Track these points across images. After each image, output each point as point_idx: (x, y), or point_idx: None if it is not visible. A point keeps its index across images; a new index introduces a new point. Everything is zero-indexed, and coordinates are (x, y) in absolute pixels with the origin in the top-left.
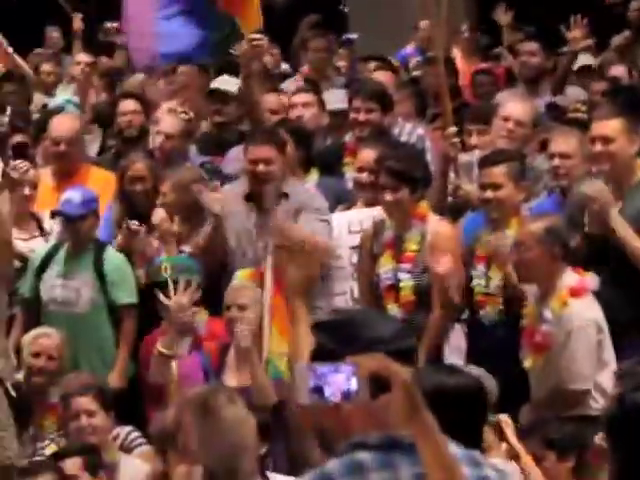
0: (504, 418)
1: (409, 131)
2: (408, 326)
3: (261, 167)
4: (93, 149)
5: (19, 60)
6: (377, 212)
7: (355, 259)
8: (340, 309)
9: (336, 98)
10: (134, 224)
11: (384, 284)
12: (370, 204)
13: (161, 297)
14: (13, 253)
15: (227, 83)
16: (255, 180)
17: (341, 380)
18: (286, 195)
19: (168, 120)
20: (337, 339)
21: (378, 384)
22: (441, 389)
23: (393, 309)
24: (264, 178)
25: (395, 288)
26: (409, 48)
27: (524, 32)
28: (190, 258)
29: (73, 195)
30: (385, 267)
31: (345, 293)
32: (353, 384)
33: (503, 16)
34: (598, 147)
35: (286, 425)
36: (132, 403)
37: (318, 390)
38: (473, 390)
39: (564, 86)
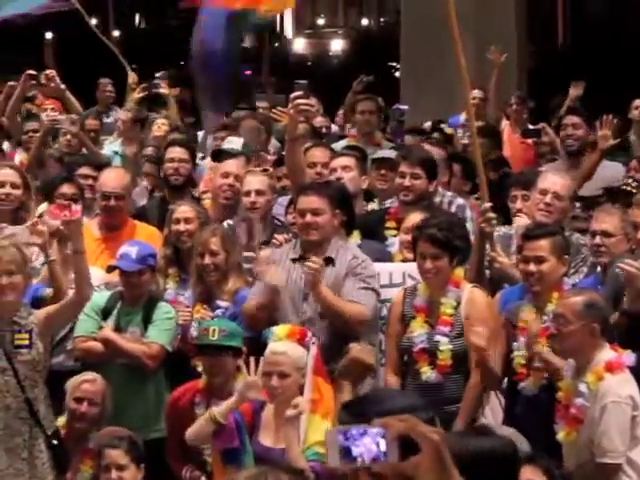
0: None
1: (449, 200)
2: (424, 400)
3: (309, 217)
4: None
5: (71, 97)
6: (407, 267)
7: (384, 312)
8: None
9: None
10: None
11: (417, 347)
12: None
13: (244, 370)
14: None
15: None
16: (303, 232)
17: (370, 442)
18: (332, 261)
19: (256, 178)
20: (350, 416)
21: (407, 445)
22: (478, 453)
23: (427, 372)
24: (312, 229)
25: (429, 351)
26: (462, 117)
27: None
28: (237, 324)
29: (130, 250)
30: (418, 331)
31: (374, 346)
32: (382, 446)
33: (575, 89)
34: None
35: None
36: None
37: (347, 452)
38: (508, 453)
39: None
